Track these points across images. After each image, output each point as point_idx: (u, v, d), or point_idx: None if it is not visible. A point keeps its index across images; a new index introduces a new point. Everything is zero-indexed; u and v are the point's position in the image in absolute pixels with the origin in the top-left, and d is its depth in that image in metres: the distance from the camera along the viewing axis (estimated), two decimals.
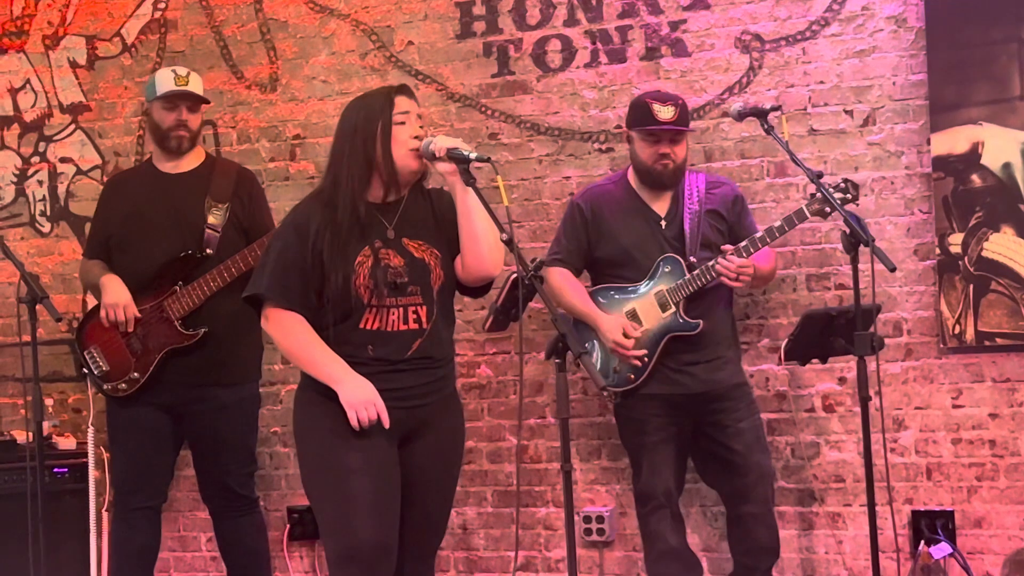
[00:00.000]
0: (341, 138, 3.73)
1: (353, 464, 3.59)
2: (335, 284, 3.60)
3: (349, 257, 3.61)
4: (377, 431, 3.61)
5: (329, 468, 3.64)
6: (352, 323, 3.63)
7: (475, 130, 5.36)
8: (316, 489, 3.71)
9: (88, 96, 5.86)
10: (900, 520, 4.81)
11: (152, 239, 4.76)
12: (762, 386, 5.00)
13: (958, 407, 4.83)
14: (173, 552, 5.64)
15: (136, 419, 4.79)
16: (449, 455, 3.82)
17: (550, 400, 5.22)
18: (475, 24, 5.37)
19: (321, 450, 3.66)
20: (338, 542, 3.63)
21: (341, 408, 3.60)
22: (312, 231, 3.64)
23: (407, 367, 3.66)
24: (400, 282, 3.63)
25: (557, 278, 4.66)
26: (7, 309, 5.84)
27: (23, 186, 5.92)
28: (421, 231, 3.73)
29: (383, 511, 3.62)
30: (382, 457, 3.64)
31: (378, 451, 3.63)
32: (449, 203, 3.74)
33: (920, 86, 4.84)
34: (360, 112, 3.71)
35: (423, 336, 3.66)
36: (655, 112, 4.51)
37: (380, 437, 3.63)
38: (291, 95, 5.59)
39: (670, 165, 4.56)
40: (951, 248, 4.79)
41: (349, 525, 3.59)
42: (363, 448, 3.60)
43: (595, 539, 5.16)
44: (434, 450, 3.74)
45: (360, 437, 3.60)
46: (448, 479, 3.83)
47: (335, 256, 3.61)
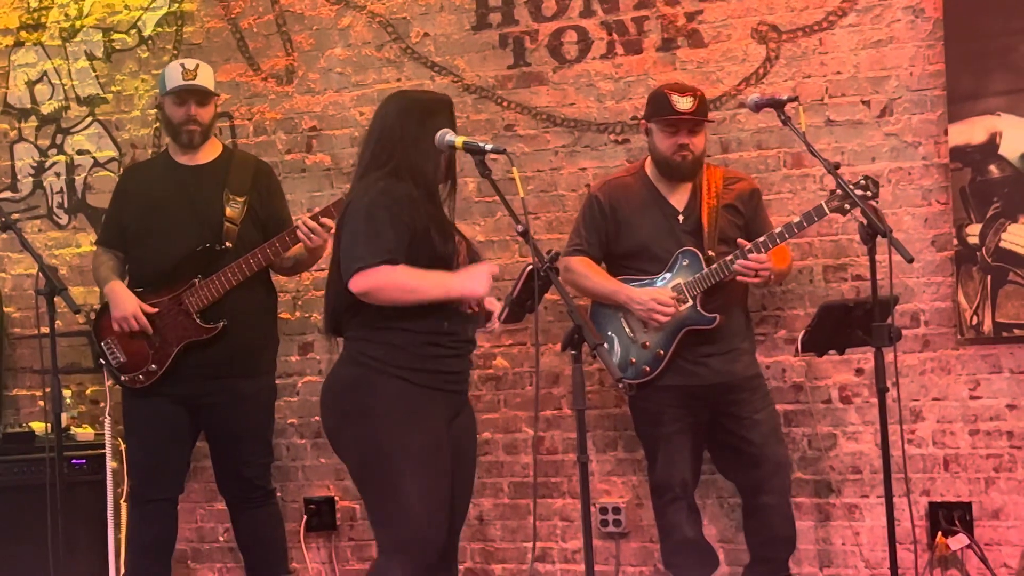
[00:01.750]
0: (414, 125, 3.73)
1: (422, 454, 3.62)
2: (436, 256, 3.66)
3: (448, 232, 3.73)
4: (438, 416, 3.68)
5: (393, 457, 3.62)
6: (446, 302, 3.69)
7: (491, 121, 5.36)
8: (376, 474, 3.67)
9: (105, 88, 5.88)
10: (917, 511, 4.80)
11: (170, 232, 4.77)
12: (779, 377, 4.99)
13: (975, 398, 4.82)
14: (191, 543, 5.66)
15: (153, 411, 4.80)
16: (474, 433, 3.94)
17: (566, 391, 5.22)
18: (491, 15, 5.37)
19: (389, 431, 3.63)
20: (399, 533, 3.64)
21: (406, 391, 3.63)
22: (408, 204, 3.65)
23: (464, 352, 3.77)
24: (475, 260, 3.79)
25: (580, 265, 4.67)
26: (25, 301, 5.86)
27: (41, 178, 5.94)
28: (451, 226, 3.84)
29: (441, 505, 3.66)
30: (441, 446, 3.67)
31: (438, 439, 3.67)
32: None
33: (938, 76, 4.82)
34: (427, 112, 3.76)
35: (475, 323, 3.79)
36: (674, 103, 4.50)
37: (440, 423, 3.69)
38: (307, 87, 5.59)
39: (689, 156, 4.55)
40: (968, 239, 4.77)
41: (413, 518, 3.60)
42: (425, 437, 3.63)
43: (611, 530, 5.17)
44: (466, 429, 3.84)
45: (431, 424, 3.65)
46: (475, 456, 3.96)
47: (436, 231, 3.68)
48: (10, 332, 5.91)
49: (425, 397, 3.65)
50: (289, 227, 4.79)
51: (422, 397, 3.65)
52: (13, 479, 5.12)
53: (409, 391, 3.64)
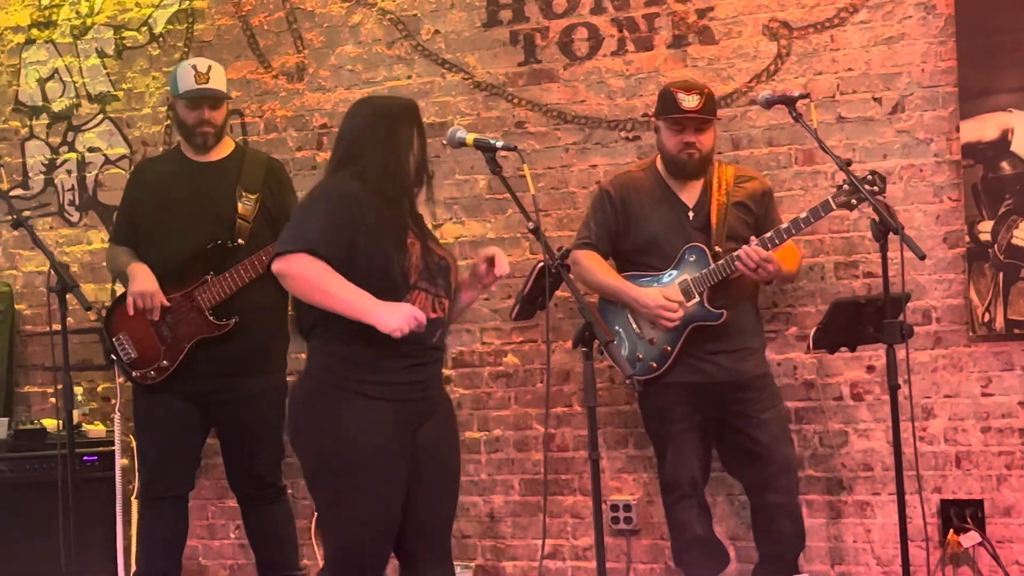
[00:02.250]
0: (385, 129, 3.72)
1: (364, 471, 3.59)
2: (390, 258, 3.59)
3: (401, 236, 3.63)
4: (396, 427, 3.62)
5: (340, 474, 3.62)
6: (399, 299, 3.60)
7: (502, 119, 5.36)
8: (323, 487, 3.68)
9: (116, 86, 5.88)
10: (929, 509, 4.79)
11: (183, 228, 4.77)
12: (790, 374, 4.99)
13: (987, 395, 4.81)
14: (202, 540, 5.67)
15: (163, 408, 4.80)
16: (450, 435, 3.84)
17: (577, 388, 5.22)
18: (502, 12, 5.37)
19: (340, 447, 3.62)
20: (339, 547, 3.66)
21: (361, 407, 3.60)
22: (358, 203, 3.62)
23: (425, 359, 3.67)
24: (438, 267, 3.67)
25: (586, 259, 4.66)
26: (36, 298, 5.87)
27: (52, 176, 5.95)
28: (427, 232, 3.80)
29: (390, 517, 3.64)
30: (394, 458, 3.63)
31: (391, 452, 3.62)
32: None
33: (949, 73, 4.81)
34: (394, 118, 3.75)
35: (443, 326, 3.70)
36: (680, 101, 4.50)
37: (397, 434, 3.63)
38: (318, 84, 5.60)
39: (695, 154, 4.54)
40: (980, 236, 4.76)
41: (352, 534, 3.62)
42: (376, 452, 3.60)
43: (622, 527, 5.17)
44: (439, 433, 3.76)
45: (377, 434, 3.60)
46: (454, 457, 3.85)
47: (386, 232, 3.61)
48: (21, 329, 5.93)
49: (381, 410, 3.61)
50: None
51: (378, 411, 3.61)
52: (25, 476, 5.13)
53: (364, 406, 3.61)
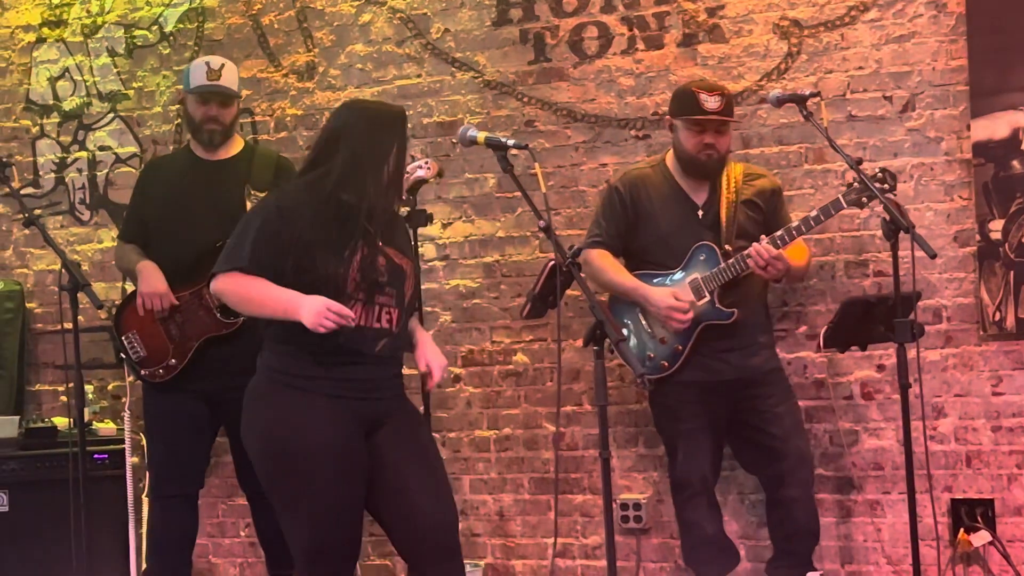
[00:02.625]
0: (354, 144, 3.69)
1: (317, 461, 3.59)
2: (321, 272, 3.60)
3: (340, 248, 3.62)
4: (344, 424, 3.62)
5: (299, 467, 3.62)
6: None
7: (511, 117, 5.36)
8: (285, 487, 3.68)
9: (126, 85, 5.89)
10: (939, 508, 4.78)
11: (192, 227, 4.78)
12: (800, 373, 4.98)
13: (998, 394, 4.80)
14: (212, 538, 5.68)
15: (172, 406, 4.81)
16: (418, 435, 3.82)
17: (587, 387, 5.22)
18: (512, 11, 5.37)
19: (290, 447, 3.63)
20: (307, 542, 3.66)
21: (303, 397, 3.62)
22: (301, 216, 3.63)
23: (370, 361, 3.67)
24: (381, 280, 3.65)
25: (598, 258, 4.66)
26: (47, 297, 5.89)
27: (63, 174, 5.96)
28: (395, 239, 3.78)
29: (348, 509, 3.65)
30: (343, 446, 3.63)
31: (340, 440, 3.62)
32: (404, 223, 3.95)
33: (960, 71, 4.80)
34: (375, 124, 3.72)
35: (389, 337, 3.69)
36: (702, 102, 4.49)
37: (342, 425, 3.63)
38: (328, 83, 5.60)
39: (714, 155, 4.54)
40: (991, 234, 4.75)
41: (319, 527, 3.62)
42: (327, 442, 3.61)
43: (632, 526, 5.16)
44: (399, 434, 3.73)
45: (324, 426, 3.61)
46: (429, 455, 3.81)
47: (324, 246, 3.61)
48: (32, 327, 5.94)
49: (321, 404, 3.62)
50: None
51: (318, 405, 3.61)
52: (36, 474, 5.14)
53: (304, 400, 3.63)
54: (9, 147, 5.99)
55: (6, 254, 6.00)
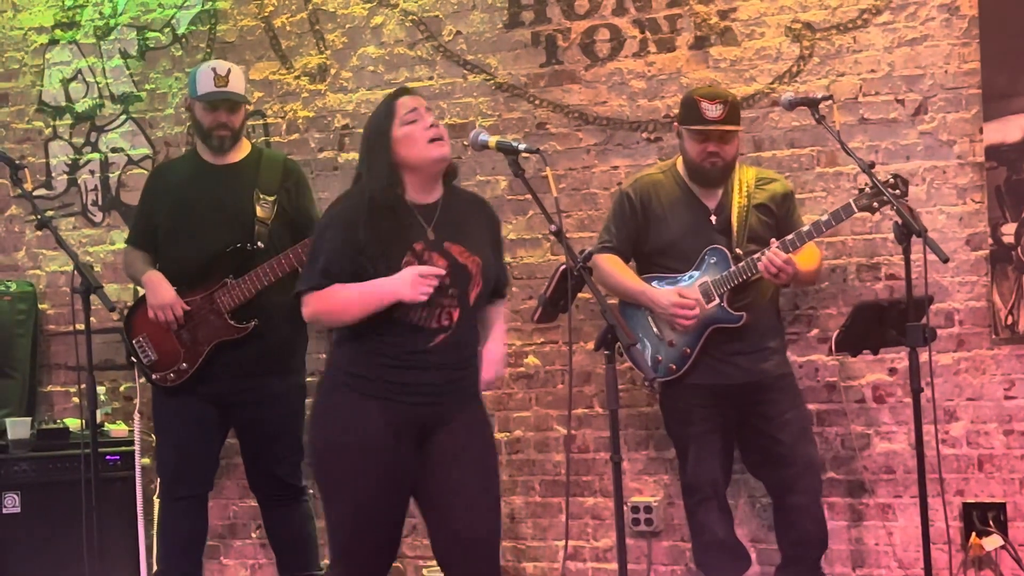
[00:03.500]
0: (364, 149, 3.78)
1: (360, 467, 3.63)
2: (373, 274, 3.62)
3: (394, 256, 3.63)
4: (393, 429, 3.64)
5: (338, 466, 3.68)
6: (391, 316, 3.63)
7: (523, 120, 5.36)
8: (327, 487, 3.74)
9: (139, 86, 5.91)
10: (951, 512, 4.77)
11: (202, 232, 4.79)
12: (811, 377, 4.97)
13: (1010, 398, 4.79)
14: (223, 539, 5.69)
15: (182, 409, 4.82)
16: (476, 444, 3.78)
17: (597, 390, 5.22)
18: (523, 14, 5.37)
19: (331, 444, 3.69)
20: (340, 544, 3.72)
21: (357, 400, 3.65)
22: (357, 225, 3.66)
23: (425, 364, 3.66)
24: (441, 285, 3.63)
25: (606, 262, 4.66)
26: (59, 298, 5.90)
27: (75, 176, 5.97)
28: (463, 236, 3.74)
29: (385, 516, 3.67)
30: (390, 457, 3.65)
31: (387, 452, 3.64)
32: (486, 213, 3.88)
33: (973, 74, 4.79)
34: (372, 123, 3.78)
35: (448, 332, 3.67)
36: (704, 111, 4.48)
37: (392, 433, 3.64)
38: (340, 85, 5.61)
39: (719, 163, 4.54)
40: (1004, 238, 4.74)
41: (353, 530, 3.67)
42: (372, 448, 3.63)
43: (643, 529, 5.16)
44: (456, 442, 3.72)
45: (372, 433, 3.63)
46: (482, 467, 3.79)
47: (380, 253, 3.63)
48: (45, 329, 5.95)
49: (372, 407, 3.64)
50: None
51: (368, 407, 3.64)
52: (47, 475, 5.15)
53: (356, 401, 3.66)
54: (22, 148, 6.00)
55: (19, 255, 6.01)
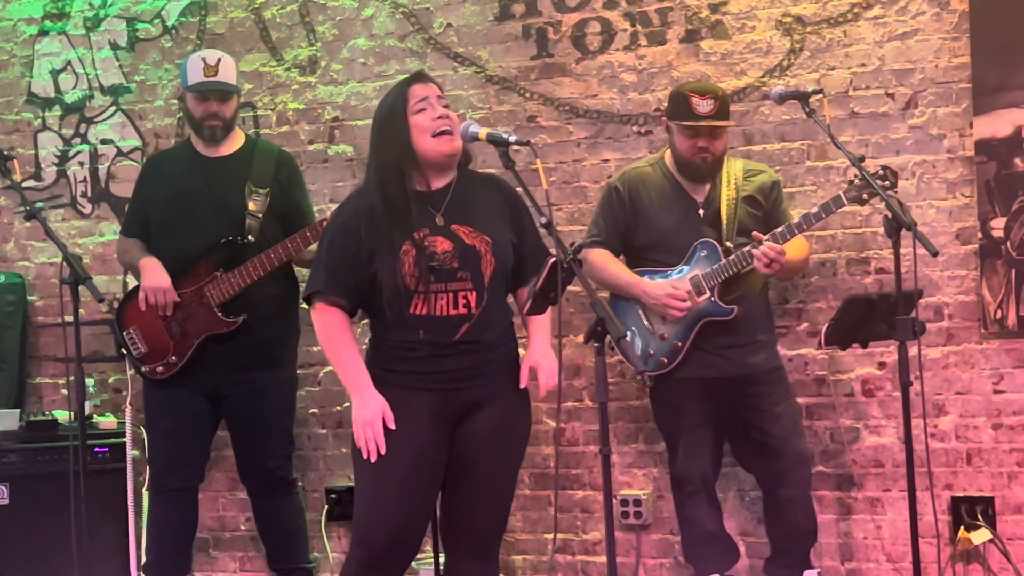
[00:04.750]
0: (372, 137, 3.81)
1: (389, 450, 3.64)
2: (384, 274, 3.65)
3: (395, 247, 3.65)
4: (422, 420, 3.67)
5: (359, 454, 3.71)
6: (402, 308, 3.67)
7: (514, 113, 5.35)
8: (356, 468, 3.79)
9: (129, 78, 5.88)
10: (940, 506, 4.78)
11: (193, 224, 4.78)
12: (801, 370, 4.98)
13: (999, 392, 4.80)
14: (212, 531, 5.68)
15: (172, 401, 4.82)
16: (504, 431, 3.80)
17: (587, 383, 5.22)
18: (514, 6, 5.36)
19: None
20: (359, 523, 3.75)
21: (391, 390, 3.67)
22: (357, 227, 3.69)
23: (454, 351, 3.69)
24: (444, 268, 3.65)
25: (597, 256, 4.66)
26: (48, 290, 5.88)
27: (64, 167, 5.95)
28: (472, 217, 3.75)
29: (407, 503, 3.68)
30: (422, 442, 3.68)
31: (419, 438, 3.67)
32: (502, 191, 3.86)
33: (963, 69, 4.79)
34: (381, 111, 3.80)
35: (471, 320, 3.69)
36: (694, 106, 4.48)
37: (426, 422, 3.68)
38: (330, 77, 5.59)
39: (708, 158, 4.54)
40: (993, 232, 4.75)
41: (370, 512, 3.69)
42: (404, 435, 3.65)
43: (632, 522, 5.16)
44: (487, 428, 3.75)
45: (405, 421, 3.65)
46: (505, 456, 3.83)
47: (382, 248, 3.66)
48: (34, 320, 5.93)
49: (403, 398, 3.67)
50: (311, 221, 4.80)
51: (400, 396, 3.67)
52: (36, 467, 5.14)
53: (386, 392, 3.68)
54: (11, 140, 5.97)
55: (7, 247, 5.99)
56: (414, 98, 3.73)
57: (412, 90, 3.74)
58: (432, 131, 3.70)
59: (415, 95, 3.73)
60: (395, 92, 3.78)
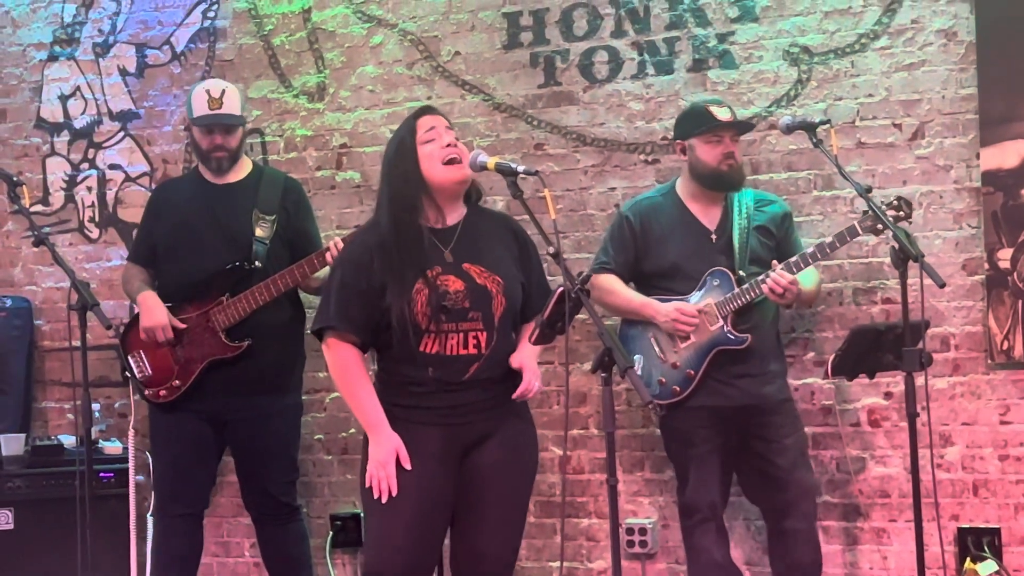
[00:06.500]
0: (383, 172, 3.82)
1: (400, 487, 3.64)
2: (395, 312, 3.64)
3: (407, 285, 3.65)
4: (431, 456, 3.66)
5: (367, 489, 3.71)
6: (413, 346, 3.67)
7: (521, 140, 5.36)
8: (365, 501, 3.77)
9: (137, 104, 5.91)
10: (946, 537, 4.76)
11: (200, 250, 4.79)
12: (807, 400, 4.97)
13: (1006, 423, 4.79)
14: (216, 557, 5.67)
15: (178, 426, 4.82)
16: (511, 463, 3.81)
17: (593, 411, 5.22)
18: (522, 35, 5.38)
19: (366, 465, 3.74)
20: (370, 558, 3.75)
21: (400, 426, 3.67)
22: (369, 262, 3.69)
23: (463, 388, 3.70)
24: (456, 308, 3.66)
25: (606, 281, 4.66)
26: (55, 314, 5.89)
27: (72, 192, 5.97)
28: (482, 255, 3.77)
29: (419, 535, 3.67)
30: (432, 477, 3.67)
31: (429, 474, 3.67)
32: (512, 231, 3.91)
33: (970, 100, 4.80)
34: (390, 145, 3.82)
35: (480, 360, 3.71)
36: (715, 114, 4.54)
37: (435, 457, 3.68)
38: (338, 104, 5.61)
39: (735, 164, 4.57)
40: (1000, 263, 4.75)
41: (383, 544, 3.69)
42: (414, 471, 3.65)
43: (638, 551, 5.15)
44: (494, 459, 3.76)
45: (415, 457, 3.65)
46: (514, 486, 3.83)
47: (394, 285, 3.65)
48: (40, 345, 5.94)
49: (414, 431, 3.67)
50: (318, 247, 4.80)
51: (410, 431, 3.67)
52: (41, 492, 5.14)
53: (397, 426, 3.68)
54: (19, 164, 6.00)
55: (15, 271, 6.01)
56: (422, 128, 3.75)
57: (420, 121, 3.77)
58: (442, 159, 3.72)
59: (423, 126, 3.76)
60: (404, 126, 3.82)
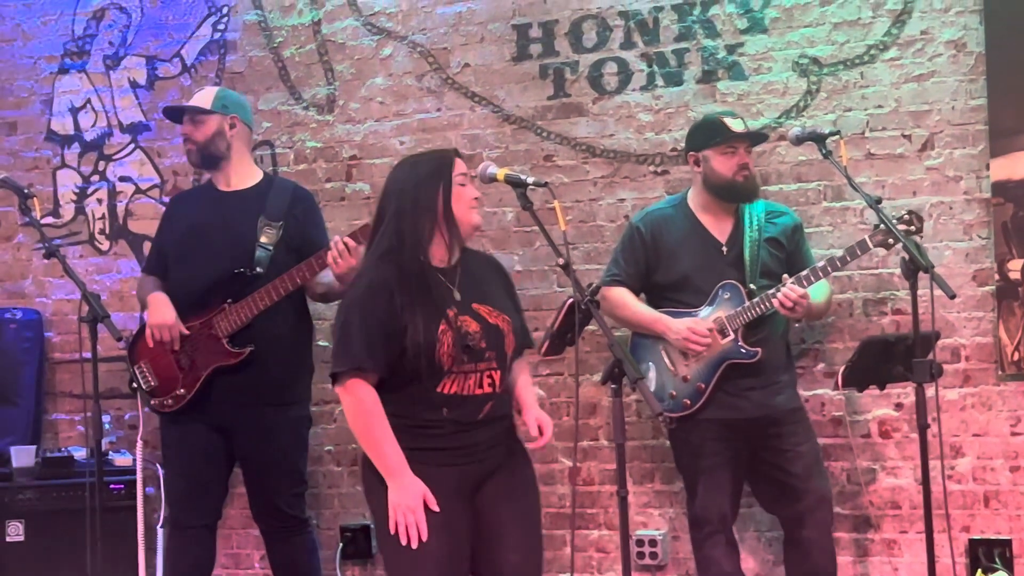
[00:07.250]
0: (405, 199, 3.71)
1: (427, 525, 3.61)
2: (417, 350, 3.59)
3: (431, 324, 3.61)
4: (445, 496, 3.62)
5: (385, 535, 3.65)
6: (431, 386, 3.63)
7: (530, 152, 5.37)
8: (390, 547, 3.67)
9: (148, 116, 5.93)
10: (957, 548, 4.75)
11: (205, 257, 4.79)
12: (818, 411, 4.97)
13: (1016, 434, 4.78)
14: (226, 569, 5.67)
15: (187, 437, 4.81)
16: (520, 490, 3.81)
17: (603, 422, 5.21)
18: (531, 47, 5.39)
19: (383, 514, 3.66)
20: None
21: (416, 468, 3.62)
22: (390, 297, 3.62)
23: (475, 427, 3.68)
24: (478, 348, 3.64)
25: (617, 294, 4.67)
26: (66, 326, 5.91)
27: (83, 204, 5.99)
28: (487, 295, 3.76)
29: (452, 573, 3.64)
30: (454, 516, 3.64)
31: (448, 514, 3.62)
32: (500, 272, 3.91)
33: (979, 111, 4.80)
34: (419, 171, 3.73)
35: (494, 399, 3.70)
36: (729, 125, 4.56)
37: (451, 498, 3.64)
38: (348, 116, 5.62)
39: (749, 175, 4.58)
40: (1010, 274, 4.74)
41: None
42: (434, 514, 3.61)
43: (648, 562, 5.14)
44: (502, 490, 3.75)
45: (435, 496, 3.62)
46: (527, 511, 3.82)
47: (418, 325, 3.60)
48: (50, 357, 5.95)
49: (429, 473, 3.62)
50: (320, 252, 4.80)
51: (425, 473, 3.62)
52: (52, 504, 5.14)
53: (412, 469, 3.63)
54: (30, 176, 6.01)
55: (25, 283, 6.02)
56: (458, 169, 3.73)
57: (457, 162, 3.75)
58: (470, 204, 3.72)
59: (459, 167, 3.74)
60: (438, 158, 3.76)
